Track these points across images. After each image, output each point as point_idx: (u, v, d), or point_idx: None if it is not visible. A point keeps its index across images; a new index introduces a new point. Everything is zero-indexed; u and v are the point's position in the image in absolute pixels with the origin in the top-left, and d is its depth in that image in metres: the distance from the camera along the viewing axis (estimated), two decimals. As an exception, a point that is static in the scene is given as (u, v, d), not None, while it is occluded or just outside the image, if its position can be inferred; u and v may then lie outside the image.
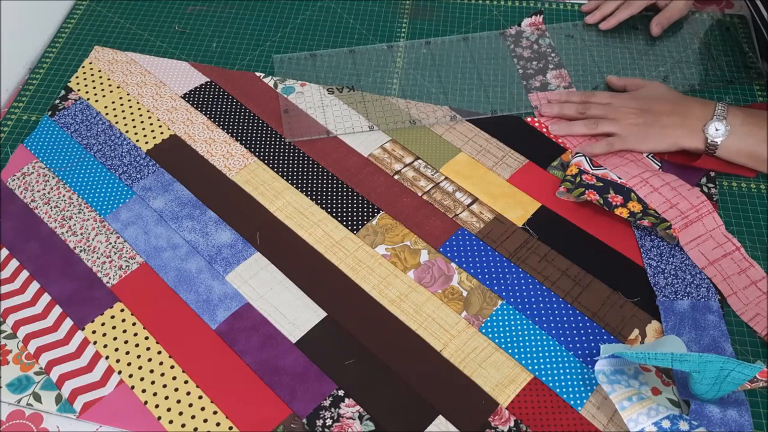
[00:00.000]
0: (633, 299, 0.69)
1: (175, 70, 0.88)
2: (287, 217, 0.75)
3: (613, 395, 0.59)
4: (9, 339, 0.66)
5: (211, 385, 0.63)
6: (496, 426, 0.61)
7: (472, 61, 0.89)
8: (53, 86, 0.87)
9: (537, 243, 0.73)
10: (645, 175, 0.75)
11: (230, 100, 0.85)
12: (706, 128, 0.74)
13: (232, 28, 0.94)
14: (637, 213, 0.72)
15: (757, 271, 0.70)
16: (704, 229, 0.72)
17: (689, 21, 0.94)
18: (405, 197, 0.76)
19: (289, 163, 0.79)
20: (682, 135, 0.76)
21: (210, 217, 0.75)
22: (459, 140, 0.81)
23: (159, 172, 0.78)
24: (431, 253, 0.72)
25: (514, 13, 0.96)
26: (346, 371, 0.64)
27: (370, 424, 0.61)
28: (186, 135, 0.82)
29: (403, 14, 0.96)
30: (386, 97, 0.85)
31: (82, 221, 0.74)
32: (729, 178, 0.78)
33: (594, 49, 0.91)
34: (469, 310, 0.68)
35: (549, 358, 0.65)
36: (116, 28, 0.94)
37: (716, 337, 0.65)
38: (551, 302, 0.68)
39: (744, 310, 0.68)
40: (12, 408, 0.63)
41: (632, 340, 0.66)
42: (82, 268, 0.71)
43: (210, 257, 0.72)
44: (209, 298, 0.69)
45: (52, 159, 0.79)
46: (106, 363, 0.65)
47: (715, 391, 0.59)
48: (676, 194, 0.73)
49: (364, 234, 0.73)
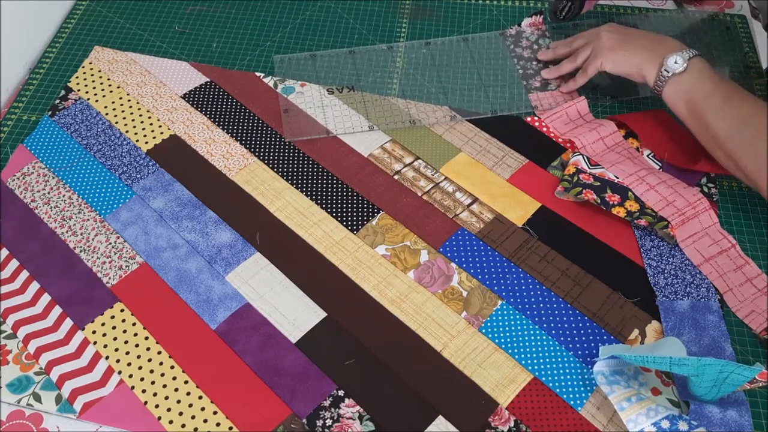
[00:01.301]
0: (633, 299, 0.69)
1: (175, 70, 0.88)
2: (287, 217, 0.75)
3: (612, 396, 0.59)
4: (9, 339, 0.66)
5: (211, 385, 0.63)
6: (496, 426, 0.61)
7: (472, 62, 0.89)
8: (53, 86, 0.87)
9: (537, 243, 0.73)
10: (641, 173, 0.75)
11: (230, 100, 0.85)
12: (667, 58, 0.74)
13: (232, 28, 0.94)
14: (634, 212, 0.72)
15: (753, 268, 0.70)
16: (700, 226, 0.72)
17: (689, 21, 0.94)
18: (405, 197, 0.76)
19: (289, 163, 0.79)
20: (645, 60, 0.76)
21: (210, 217, 0.75)
22: (459, 140, 0.81)
23: (159, 172, 0.78)
24: (431, 253, 0.72)
25: (514, 13, 0.96)
26: (346, 371, 0.64)
27: (370, 424, 0.61)
28: (186, 135, 0.82)
29: (403, 14, 0.96)
30: (386, 97, 0.85)
31: (82, 221, 0.74)
32: (729, 178, 0.78)
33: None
34: (469, 310, 0.68)
35: (549, 359, 0.65)
36: (116, 28, 0.94)
37: (716, 337, 0.65)
38: (551, 302, 0.68)
39: (739, 307, 0.68)
40: (12, 408, 0.63)
41: (632, 340, 0.66)
42: (82, 268, 0.71)
43: (210, 257, 0.72)
44: (209, 298, 0.69)
45: (52, 159, 0.79)
46: (106, 363, 0.65)
47: (714, 392, 0.59)
48: (672, 192, 0.73)
49: (364, 234, 0.73)
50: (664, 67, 0.74)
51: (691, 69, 0.73)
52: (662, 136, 0.80)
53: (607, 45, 0.79)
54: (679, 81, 0.73)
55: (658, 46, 0.76)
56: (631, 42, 0.78)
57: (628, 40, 0.78)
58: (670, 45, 0.76)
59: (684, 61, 0.73)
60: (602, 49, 0.79)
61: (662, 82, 0.74)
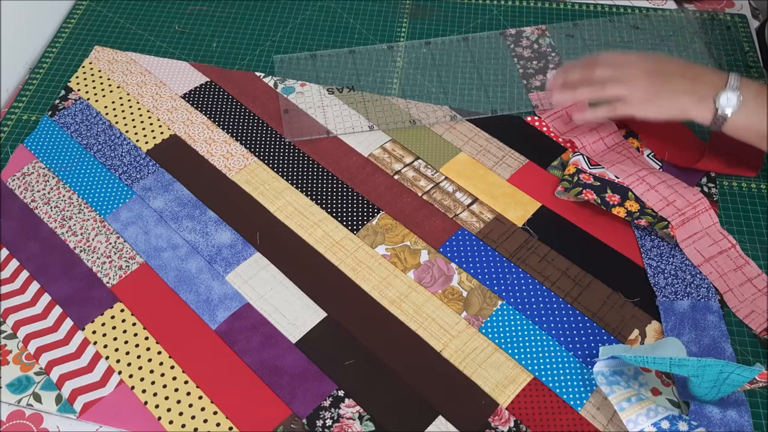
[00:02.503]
0: (633, 299, 0.69)
1: (175, 70, 0.88)
2: (287, 217, 0.75)
3: (612, 396, 0.59)
4: (9, 339, 0.66)
5: (211, 386, 0.64)
6: (496, 426, 0.61)
7: (472, 61, 0.89)
8: (53, 86, 0.87)
9: (537, 243, 0.73)
10: (642, 173, 0.75)
11: (230, 100, 0.85)
12: (718, 97, 0.68)
13: (232, 28, 0.94)
14: (634, 212, 0.72)
15: (753, 268, 0.70)
16: (700, 226, 0.72)
17: (689, 21, 0.94)
18: (405, 197, 0.76)
19: (289, 163, 0.79)
20: (690, 103, 0.69)
21: (210, 217, 0.75)
22: (459, 140, 0.81)
23: (159, 172, 0.78)
24: (431, 254, 0.72)
25: (514, 13, 0.96)
26: (346, 371, 0.64)
27: (370, 425, 0.61)
28: (186, 135, 0.82)
29: (403, 14, 0.96)
30: (386, 97, 0.85)
31: (82, 221, 0.74)
32: (729, 178, 0.78)
33: (594, 48, 0.91)
34: (469, 310, 0.68)
35: (549, 359, 0.65)
36: (116, 28, 0.94)
37: (716, 337, 0.65)
38: (551, 302, 0.68)
39: (739, 307, 0.68)
40: (12, 408, 0.63)
41: (632, 340, 0.66)
42: (82, 268, 0.71)
43: (210, 257, 0.72)
44: (209, 299, 0.69)
45: (52, 159, 0.79)
46: (106, 363, 0.65)
47: (714, 393, 0.59)
48: (672, 192, 0.73)
49: (364, 234, 0.73)
50: (719, 112, 0.68)
51: (746, 102, 0.68)
52: (662, 136, 0.80)
53: (643, 96, 0.71)
54: (739, 119, 0.68)
55: (698, 85, 0.70)
56: (667, 87, 0.70)
57: (664, 85, 0.71)
58: (710, 79, 0.70)
59: (736, 97, 0.68)
60: (637, 101, 0.72)
61: (722, 121, 0.69)
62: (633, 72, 0.72)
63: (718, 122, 0.69)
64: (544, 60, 0.89)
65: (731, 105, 0.68)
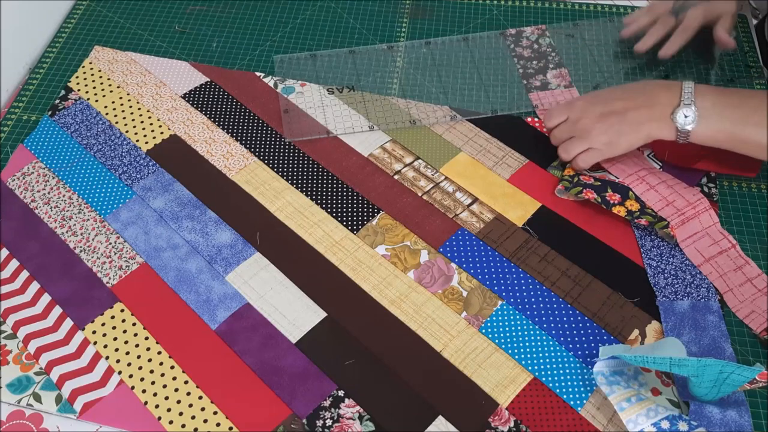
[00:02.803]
0: (633, 299, 0.69)
1: (175, 70, 0.88)
2: (287, 217, 0.75)
3: (612, 396, 0.59)
4: (9, 339, 0.66)
5: (211, 386, 0.64)
6: (496, 426, 0.61)
7: (472, 61, 0.89)
8: (53, 86, 0.87)
9: (537, 243, 0.73)
10: (642, 173, 0.75)
11: (230, 100, 0.85)
12: (675, 116, 0.69)
13: (232, 28, 0.94)
14: (634, 212, 0.72)
15: (753, 268, 0.70)
16: (700, 226, 0.72)
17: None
18: (405, 197, 0.76)
19: (289, 163, 0.79)
20: (651, 128, 0.71)
21: (210, 217, 0.75)
22: (459, 140, 0.81)
23: (159, 172, 0.78)
24: (431, 254, 0.72)
25: (514, 13, 0.96)
26: (346, 371, 0.64)
27: (370, 425, 0.61)
28: (186, 135, 0.82)
29: (403, 14, 0.96)
30: (386, 97, 0.85)
31: (82, 221, 0.74)
32: (729, 178, 0.78)
33: (594, 48, 0.91)
34: (469, 310, 0.68)
35: (549, 359, 0.65)
36: (116, 28, 0.94)
37: (716, 337, 0.65)
38: (551, 302, 0.68)
39: (739, 307, 0.68)
40: (12, 408, 0.63)
41: (632, 340, 0.66)
42: (82, 268, 0.71)
43: (210, 257, 0.72)
44: (209, 299, 0.69)
45: (52, 159, 0.79)
46: (106, 363, 0.65)
47: (714, 393, 0.59)
48: (672, 192, 0.73)
49: (364, 234, 0.73)
50: (678, 130, 0.69)
51: (704, 113, 0.69)
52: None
53: (605, 141, 0.73)
54: (702, 131, 0.69)
55: (653, 109, 0.71)
56: (624, 124, 0.72)
57: (621, 124, 0.72)
58: (663, 98, 0.70)
59: (692, 112, 0.69)
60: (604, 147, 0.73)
61: (685, 136, 0.70)
62: (585, 123, 0.74)
63: (682, 137, 0.70)
64: (544, 60, 0.89)
65: (689, 121, 0.69)
